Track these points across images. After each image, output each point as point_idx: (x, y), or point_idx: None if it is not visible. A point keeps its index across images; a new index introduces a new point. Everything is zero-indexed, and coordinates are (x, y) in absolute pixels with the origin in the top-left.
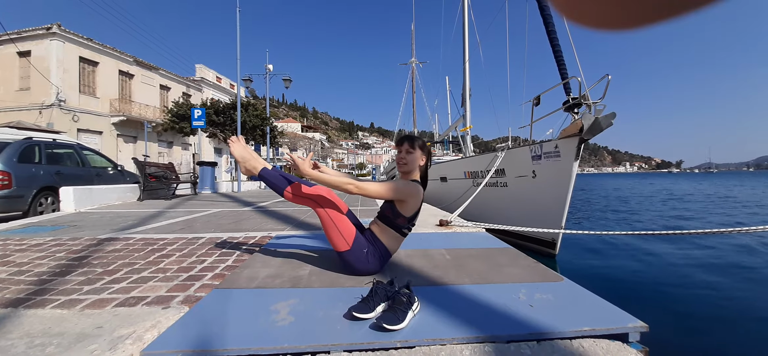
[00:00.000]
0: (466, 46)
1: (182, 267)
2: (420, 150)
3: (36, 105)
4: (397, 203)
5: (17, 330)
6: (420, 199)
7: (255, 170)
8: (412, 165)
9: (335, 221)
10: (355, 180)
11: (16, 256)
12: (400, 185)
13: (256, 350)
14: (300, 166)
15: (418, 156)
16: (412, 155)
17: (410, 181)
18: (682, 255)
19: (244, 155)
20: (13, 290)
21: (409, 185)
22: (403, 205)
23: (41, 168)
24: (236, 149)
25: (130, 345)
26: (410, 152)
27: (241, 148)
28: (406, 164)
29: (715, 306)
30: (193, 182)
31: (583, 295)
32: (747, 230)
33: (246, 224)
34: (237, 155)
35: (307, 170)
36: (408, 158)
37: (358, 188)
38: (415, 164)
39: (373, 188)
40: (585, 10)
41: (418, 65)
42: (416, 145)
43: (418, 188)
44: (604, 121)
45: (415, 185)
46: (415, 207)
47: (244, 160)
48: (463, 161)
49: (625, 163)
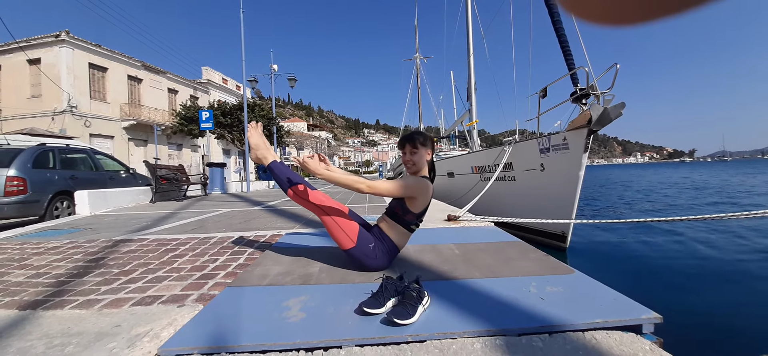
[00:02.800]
0: (470, 40)
1: (195, 266)
2: (422, 147)
3: (48, 112)
4: (407, 199)
5: (36, 331)
6: (429, 195)
7: (265, 159)
8: (420, 164)
9: (337, 221)
10: (365, 179)
11: (33, 259)
12: (410, 182)
13: (269, 346)
14: (309, 165)
15: (423, 153)
16: (417, 154)
17: (420, 177)
18: (696, 243)
19: (259, 143)
20: (31, 292)
21: (420, 182)
22: (413, 201)
23: (56, 173)
24: (253, 135)
25: (148, 342)
26: (414, 152)
27: (258, 136)
28: (414, 165)
29: (731, 295)
30: (204, 183)
31: (594, 287)
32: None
33: (256, 223)
34: (252, 141)
35: (318, 168)
36: (414, 158)
37: (370, 187)
38: (423, 161)
39: (384, 187)
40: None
41: (422, 61)
42: (418, 143)
43: (428, 184)
44: (613, 111)
45: (424, 181)
46: (425, 203)
47: (257, 147)
48: (470, 155)
49: (636, 153)
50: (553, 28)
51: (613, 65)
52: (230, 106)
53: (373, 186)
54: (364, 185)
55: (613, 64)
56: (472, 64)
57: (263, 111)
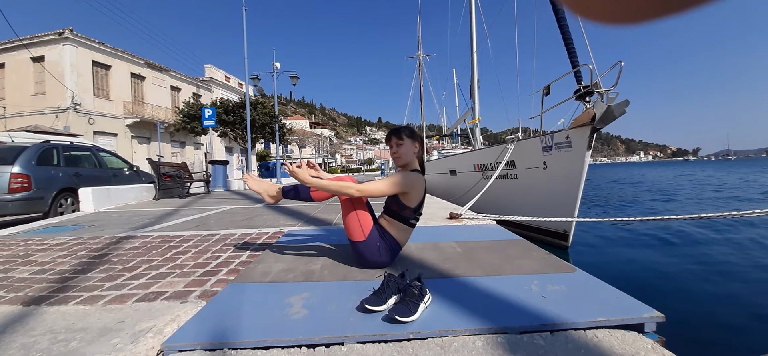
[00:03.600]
0: (473, 37)
1: (198, 262)
2: (409, 139)
3: (52, 109)
4: (401, 195)
5: (41, 327)
6: (423, 188)
7: (278, 194)
8: (407, 156)
9: (358, 209)
10: (355, 183)
11: (38, 255)
12: (400, 179)
13: (272, 342)
14: (298, 175)
15: (409, 145)
16: (403, 147)
17: (410, 171)
18: (701, 241)
19: (263, 186)
20: (35, 288)
21: (409, 176)
22: (407, 197)
23: (60, 170)
24: (253, 184)
25: (151, 338)
26: (400, 144)
27: (256, 182)
28: (400, 158)
29: (734, 294)
30: (206, 180)
31: (597, 286)
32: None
33: (258, 221)
34: (256, 188)
35: (306, 177)
36: (400, 151)
37: (360, 190)
38: (410, 153)
39: (375, 188)
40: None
41: (425, 58)
42: (403, 135)
43: (418, 177)
44: (616, 109)
45: (415, 174)
46: (419, 197)
47: (264, 191)
48: (472, 153)
49: (640, 152)
50: (557, 25)
51: (618, 63)
52: (233, 104)
53: (362, 190)
54: (354, 190)
55: (618, 62)
56: (476, 62)
57: (266, 109)
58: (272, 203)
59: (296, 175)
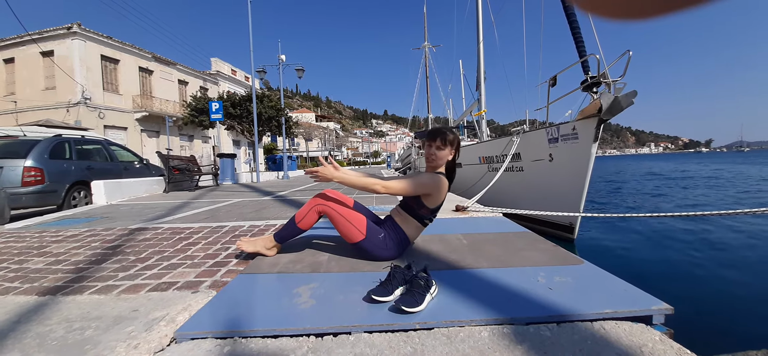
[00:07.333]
0: (479, 28)
1: (208, 253)
2: (450, 146)
3: (62, 103)
4: (423, 195)
5: (56, 316)
6: (445, 191)
7: (273, 245)
8: (440, 161)
9: (345, 216)
10: (380, 180)
11: (53, 247)
12: (425, 180)
13: (281, 331)
14: (324, 173)
15: (447, 152)
16: (442, 151)
17: (435, 173)
18: (706, 237)
19: (258, 245)
20: (51, 278)
21: (435, 178)
22: (429, 198)
23: (73, 164)
24: (248, 248)
25: (164, 326)
26: (441, 149)
27: (250, 244)
28: (436, 160)
29: (741, 287)
30: (215, 173)
31: (604, 278)
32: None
33: (267, 213)
34: (252, 250)
35: (332, 173)
36: (438, 154)
37: (385, 187)
38: (445, 158)
39: (400, 186)
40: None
41: (431, 49)
42: (447, 141)
43: (443, 181)
44: (624, 100)
45: (440, 177)
46: (440, 199)
47: (262, 247)
48: (478, 146)
49: (650, 144)
50: (565, 14)
51: (626, 52)
52: (239, 97)
53: (388, 186)
54: (380, 186)
55: (626, 51)
56: (482, 53)
57: (272, 102)
58: (274, 254)
59: (322, 173)
